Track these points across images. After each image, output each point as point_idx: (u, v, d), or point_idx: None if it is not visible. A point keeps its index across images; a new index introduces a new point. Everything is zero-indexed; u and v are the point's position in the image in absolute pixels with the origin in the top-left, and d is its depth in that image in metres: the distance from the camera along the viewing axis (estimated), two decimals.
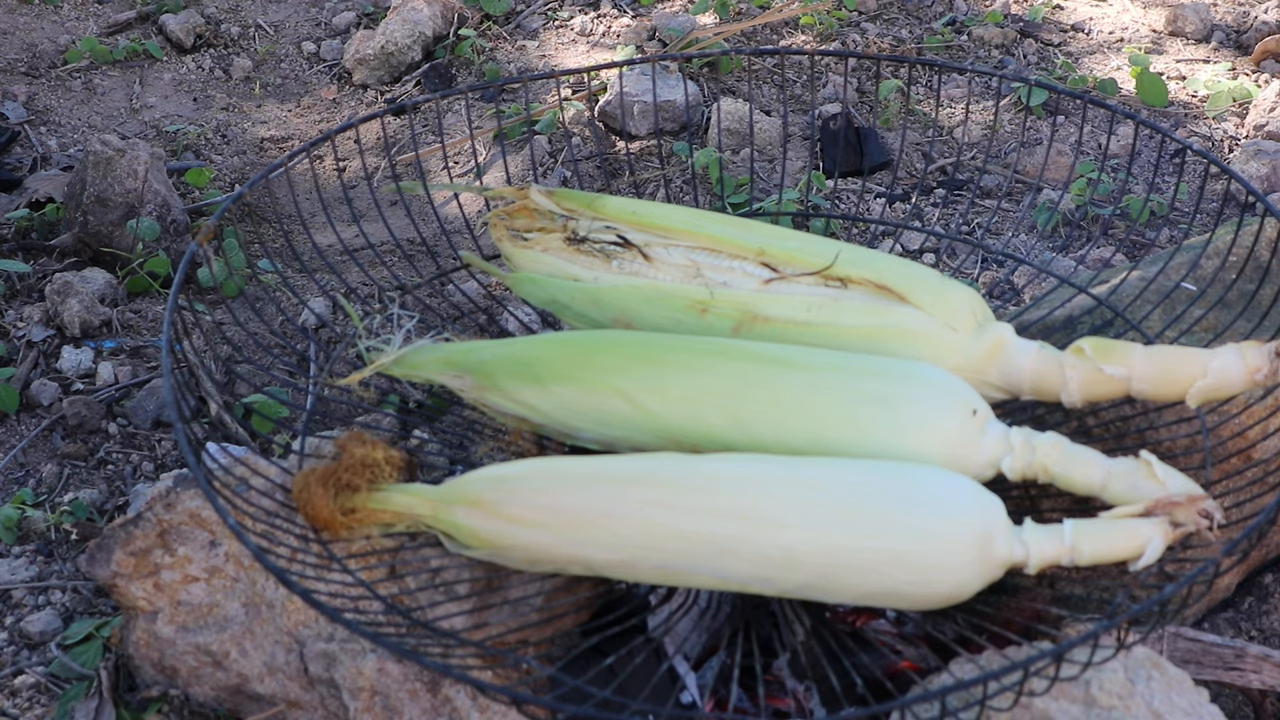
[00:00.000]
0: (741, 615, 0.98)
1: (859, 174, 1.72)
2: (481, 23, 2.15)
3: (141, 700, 1.03)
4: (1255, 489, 0.94)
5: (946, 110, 1.87)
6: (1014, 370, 0.93)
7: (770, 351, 0.93)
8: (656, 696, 0.96)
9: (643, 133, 1.82)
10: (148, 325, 1.52)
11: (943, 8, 2.16)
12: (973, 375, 0.94)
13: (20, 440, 1.35)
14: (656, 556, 0.85)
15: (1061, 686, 0.86)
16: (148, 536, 1.02)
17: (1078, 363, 0.92)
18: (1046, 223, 1.57)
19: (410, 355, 0.99)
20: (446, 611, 0.92)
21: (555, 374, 0.93)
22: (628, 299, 1.00)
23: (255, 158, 1.88)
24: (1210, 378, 0.89)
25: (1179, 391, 0.90)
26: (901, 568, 0.82)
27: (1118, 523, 0.84)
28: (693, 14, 2.12)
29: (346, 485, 0.90)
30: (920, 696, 0.75)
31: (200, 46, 2.14)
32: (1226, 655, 1.02)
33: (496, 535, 0.87)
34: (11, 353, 1.46)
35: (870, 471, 0.85)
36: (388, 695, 0.92)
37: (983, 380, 0.94)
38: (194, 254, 0.99)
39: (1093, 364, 0.91)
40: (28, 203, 1.68)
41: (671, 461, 0.88)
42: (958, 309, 0.95)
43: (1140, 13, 2.17)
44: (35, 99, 1.99)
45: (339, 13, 2.21)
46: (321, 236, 1.64)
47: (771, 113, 1.87)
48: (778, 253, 0.99)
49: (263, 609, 0.99)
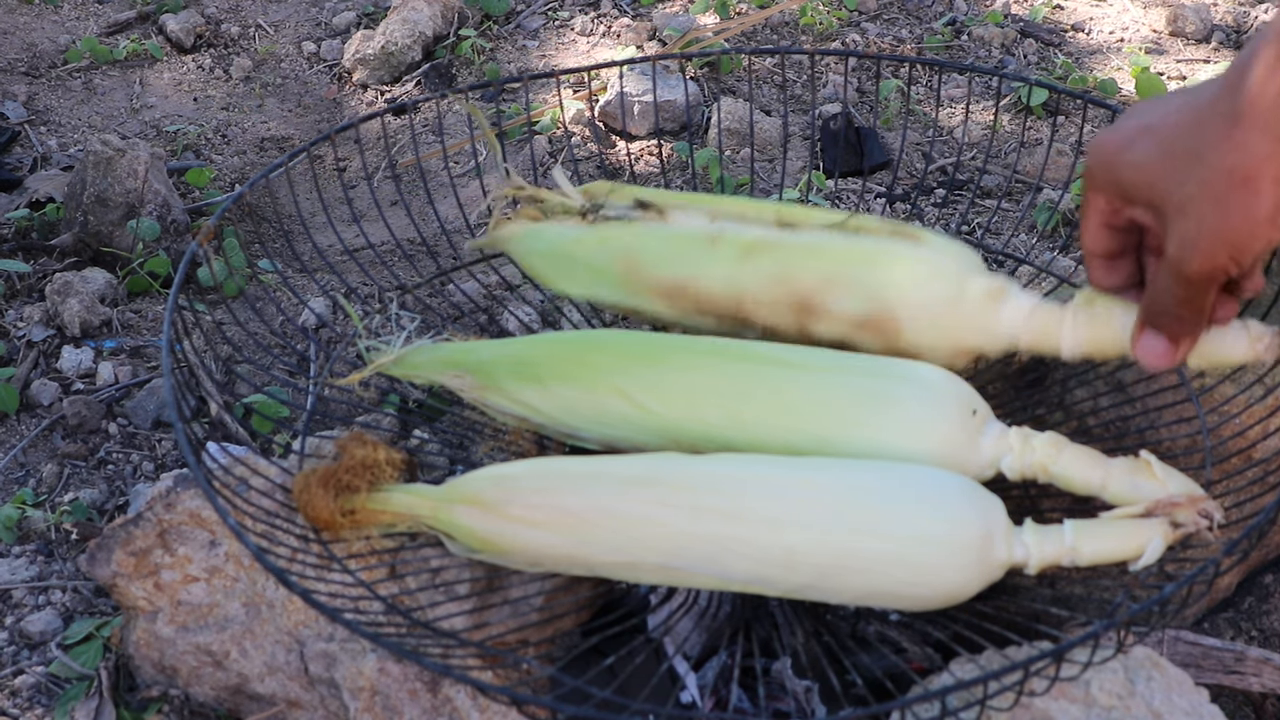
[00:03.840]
0: (741, 615, 0.98)
1: (859, 174, 1.72)
2: (482, 23, 2.15)
3: (141, 700, 1.03)
4: (1255, 489, 0.94)
5: (946, 110, 1.87)
6: (1012, 311, 0.92)
7: (770, 351, 0.93)
8: (656, 696, 0.96)
9: (643, 133, 1.82)
10: (148, 325, 1.52)
11: (943, 8, 2.16)
12: (974, 317, 0.92)
13: (20, 440, 1.35)
14: (657, 556, 0.85)
15: (1061, 686, 0.86)
16: (148, 536, 1.02)
17: (1080, 306, 0.90)
18: (1046, 223, 1.57)
19: (410, 355, 0.99)
20: (446, 611, 0.92)
21: (555, 373, 0.93)
22: (636, 237, 0.99)
23: (255, 158, 1.88)
24: (1214, 335, 0.86)
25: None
26: (902, 568, 0.82)
27: (1118, 523, 0.84)
28: (693, 14, 2.12)
29: (347, 486, 0.90)
30: (920, 696, 0.75)
31: (200, 46, 2.14)
32: (1226, 658, 1.02)
33: (497, 535, 0.87)
34: (11, 353, 1.46)
35: (871, 471, 0.85)
36: (388, 695, 0.92)
37: (981, 327, 0.92)
38: (194, 254, 0.99)
39: (1093, 306, 0.89)
40: (28, 203, 1.68)
41: (672, 461, 0.88)
42: (971, 255, 0.94)
43: (1140, 13, 2.17)
44: (35, 99, 1.99)
45: (339, 13, 2.21)
46: (322, 236, 1.64)
47: (772, 113, 1.87)
48: (796, 214, 0.98)
49: (263, 609, 0.99)
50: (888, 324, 0.92)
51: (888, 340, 0.93)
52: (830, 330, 0.94)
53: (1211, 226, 0.72)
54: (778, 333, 0.96)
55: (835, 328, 0.94)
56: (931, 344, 0.92)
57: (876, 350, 0.93)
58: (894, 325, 0.92)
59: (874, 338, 0.93)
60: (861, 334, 0.93)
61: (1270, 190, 0.71)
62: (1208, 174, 0.72)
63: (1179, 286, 0.77)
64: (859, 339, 0.93)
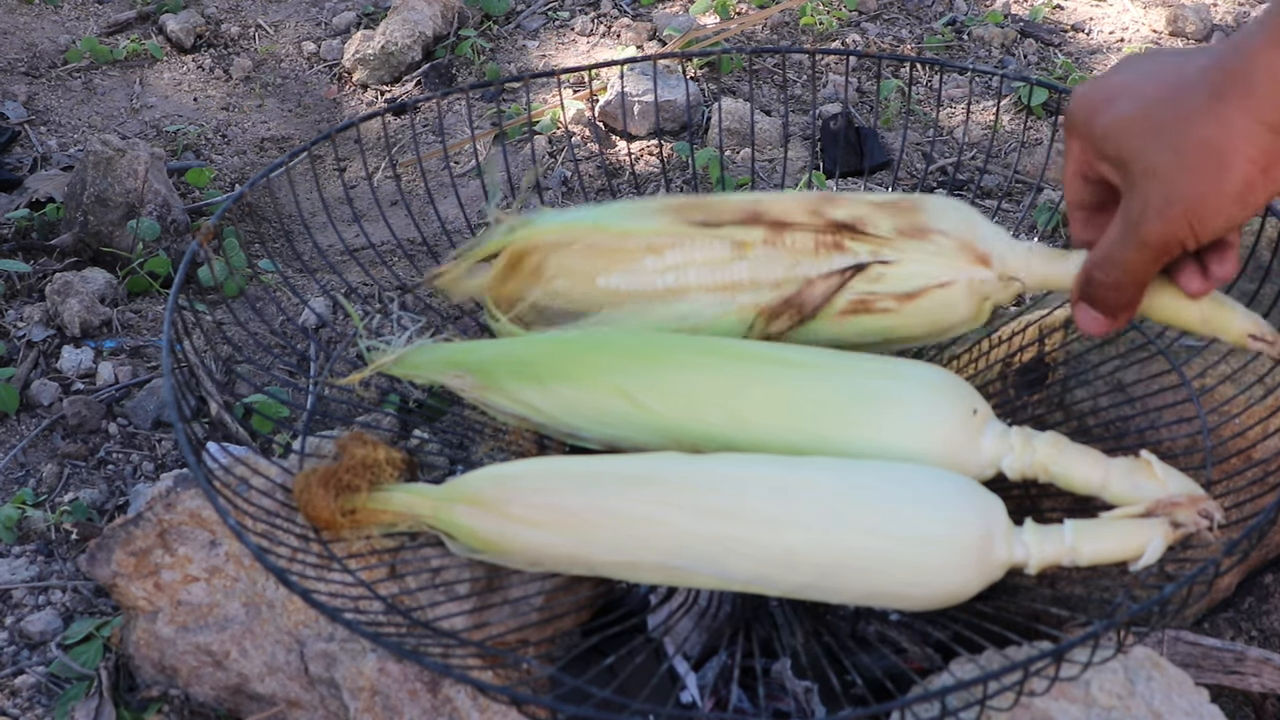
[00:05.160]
0: (741, 615, 0.98)
1: (859, 174, 1.72)
2: (482, 23, 2.15)
3: (141, 700, 1.03)
4: (1255, 489, 0.94)
5: (947, 110, 1.87)
6: (1020, 251, 0.91)
7: (771, 351, 0.93)
8: (656, 696, 0.96)
9: (643, 133, 1.82)
10: (148, 325, 1.52)
11: (943, 8, 2.16)
12: (984, 235, 0.92)
13: (20, 440, 1.35)
14: (657, 556, 0.85)
15: (1061, 686, 0.86)
16: (148, 536, 1.02)
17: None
18: (1047, 223, 1.57)
19: (411, 355, 0.99)
20: (447, 611, 0.92)
21: (556, 373, 0.93)
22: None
23: (255, 158, 1.88)
24: (1214, 298, 0.86)
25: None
26: (902, 568, 0.82)
27: (1118, 523, 0.84)
28: (693, 14, 2.12)
29: (347, 486, 0.90)
30: (920, 696, 0.75)
31: (200, 46, 2.14)
32: (1226, 659, 1.02)
33: (497, 534, 0.87)
34: (11, 353, 1.46)
35: (871, 471, 0.85)
36: (388, 695, 0.92)
37: (989, 278, 0.92)
38: (194, 254, 0.99)
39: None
40: (28, 203, 1.68)
41: (673, 461, 0.88)
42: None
43: (1140, 13, 2.17)
44: (35, 99, 1.99)
45: (339, 13, 2.21)
46: (322, 236, 1.64)
47: (772, 112, 1.87)
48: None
49: (263, 609, 0.99)
50: None
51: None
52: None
53: (1178, 193, 0.72)
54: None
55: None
56: None
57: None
58: None
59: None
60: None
61: (1241, 167, 0.70)
62: (1182, 142, 0.72)
63: (1130, 249, 0.76)
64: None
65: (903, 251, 0.91)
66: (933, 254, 0.91)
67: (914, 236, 0.91)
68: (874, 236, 0.92)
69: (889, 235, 0.92)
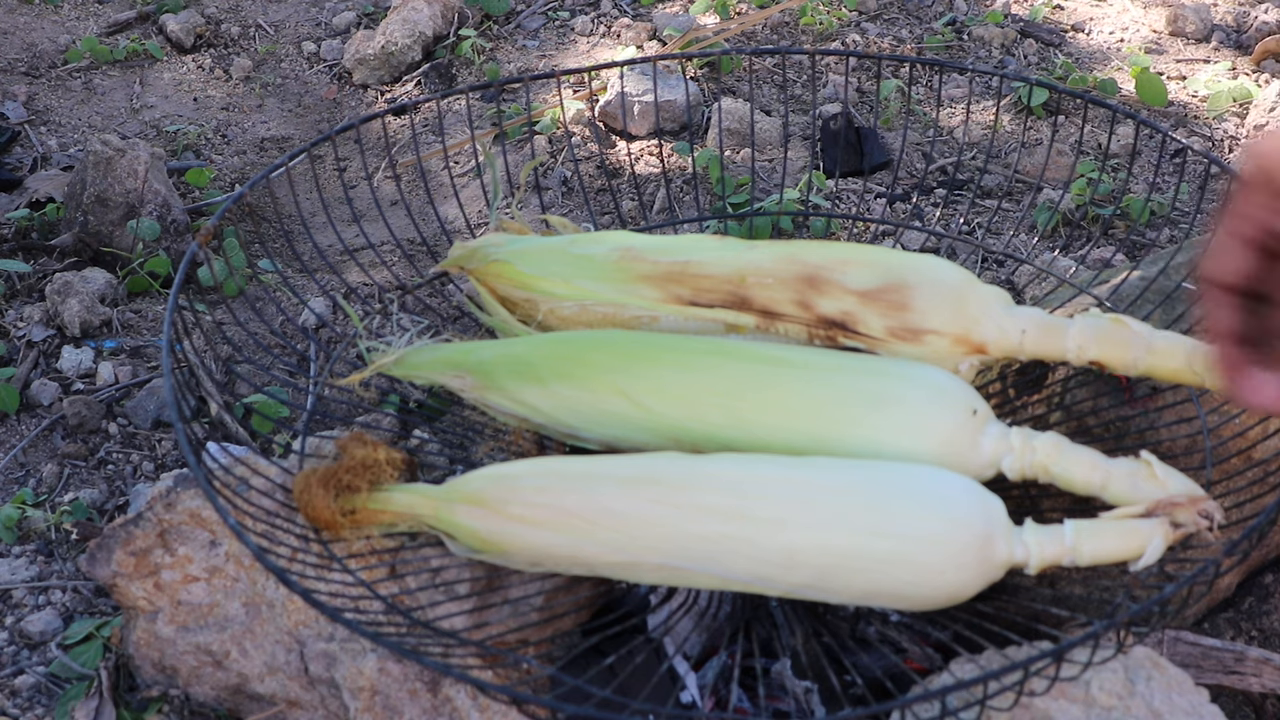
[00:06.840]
0: (741, 615, 0.98)
1: (859, 174, 1.72)
2: (482, 23, 2.15)
3: (141, 700, 1.03)
4: (1255, 489, 0.94)
5: (947, 110, 1.87)
6: (1017, 317, 0.94)
7: (771, 351, 0.93)
8: (656, 696, 0.96)
9: (643, 133, 1.82)
10: (148, 325, 1.52)
11: (943, 8, 2.16)
12: (977, 317, 0.94)
13: (20, 440, 1.35)
14: (657, 556, 0.85)
15: (1061, 686, 0.86)
16: (148, 536, 1.02)
17: (1087, 316, 0.93)
18: (1047, 223, 1.57)
19: (411, 355, 0.99)
20: (447, 611, 0.92)
21: (556, 373, 0.93)
22: (631, 235, 1.03)
23: (255, 158, 1.88)
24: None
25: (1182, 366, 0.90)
26: (902, 568, 0.82)
27: (1118, 523, 0.84)
28: (693, 14, 2.12)
29: (347, 486, 0.90)
30: (920, 696, 0.75)
31: (200, 46, 2.14)
32: (1226, 659, 1.02)
33: (498, 534, 0.87)
34: (11, 353, 1.46)
35: (871, 471, 0.85)
36: (388, 695, 0.92)
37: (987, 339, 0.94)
38: (194, 254, 0.99)
39: (1100, 318, 0.92)
40: (28, 203, 1.68)
41: (672, 461, 0.88)
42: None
43: (1140, 13, 2.17)
44: (35, 99, 1.99)
45: (339, 13, 2.21)
46: (322, 236, 1.64)
47: (772, 113, 1.87)
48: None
49: (263, 609, 0.99)
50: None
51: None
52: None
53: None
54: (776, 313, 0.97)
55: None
56: None
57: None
58: None
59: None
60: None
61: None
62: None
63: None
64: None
65: (897, 354, 0.94)
66: (928, 356, 0.93)
67: (907, 340, 0.93)
68: (866, 337, 0.94)
69: (881, 337, 0.93)
